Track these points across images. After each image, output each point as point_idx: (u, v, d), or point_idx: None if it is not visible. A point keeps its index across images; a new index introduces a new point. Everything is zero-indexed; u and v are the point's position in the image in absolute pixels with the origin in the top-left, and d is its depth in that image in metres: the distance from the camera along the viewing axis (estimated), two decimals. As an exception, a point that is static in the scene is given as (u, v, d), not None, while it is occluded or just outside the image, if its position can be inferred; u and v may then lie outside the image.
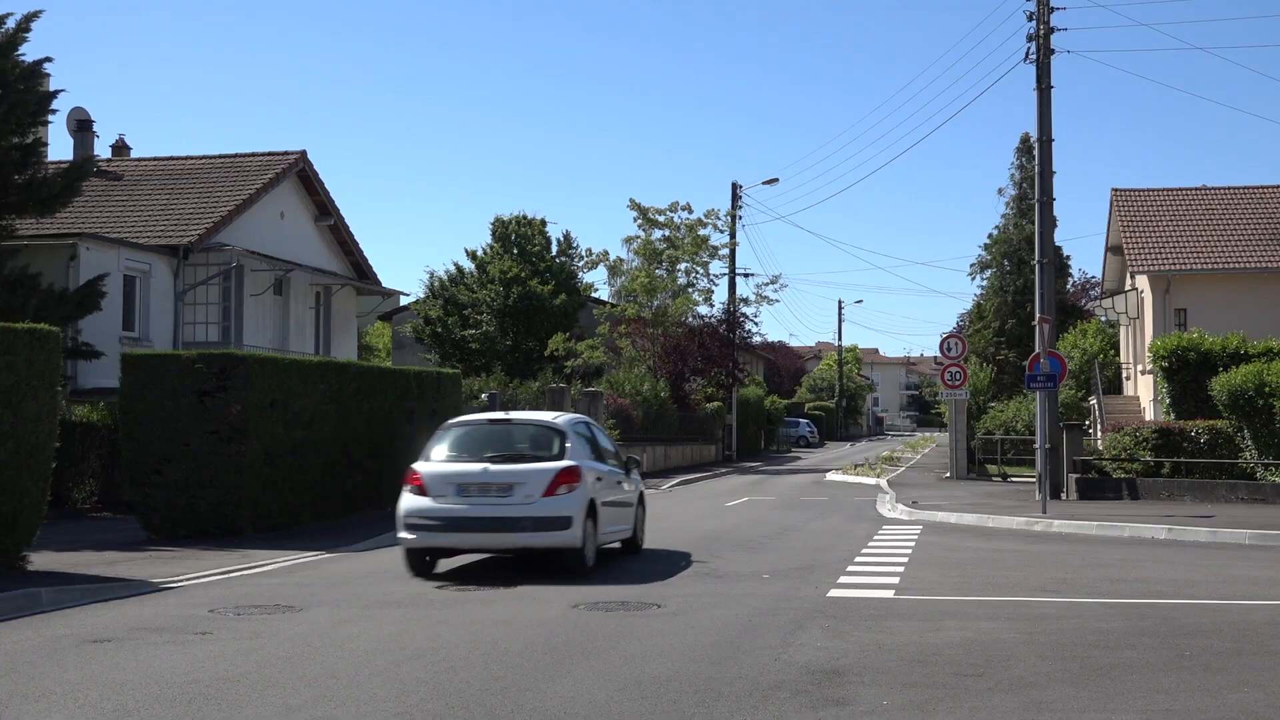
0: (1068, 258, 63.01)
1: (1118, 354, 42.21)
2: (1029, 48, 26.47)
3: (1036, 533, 19.38)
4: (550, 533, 13.07)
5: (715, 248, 47.81)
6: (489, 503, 13.11)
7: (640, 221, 46.62)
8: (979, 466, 35.53)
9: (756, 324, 74.32)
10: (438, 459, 13.73)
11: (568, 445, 13.72)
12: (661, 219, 46.59)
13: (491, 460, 13.43)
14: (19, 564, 13.18)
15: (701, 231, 46.71)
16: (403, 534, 13.34)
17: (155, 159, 33.98)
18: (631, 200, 46.96)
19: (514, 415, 15.09)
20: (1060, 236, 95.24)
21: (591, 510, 13.52)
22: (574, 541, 13.16)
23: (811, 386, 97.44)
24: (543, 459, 13.51)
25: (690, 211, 46.78)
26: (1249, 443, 24.73)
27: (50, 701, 7.55)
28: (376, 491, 21.13)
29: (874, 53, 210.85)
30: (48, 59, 23.75)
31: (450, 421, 14.87)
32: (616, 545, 15.22)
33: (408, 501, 13.32)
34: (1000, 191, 59.50)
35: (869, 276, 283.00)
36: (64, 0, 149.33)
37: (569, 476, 13.25)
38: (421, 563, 13.58)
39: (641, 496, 16.02)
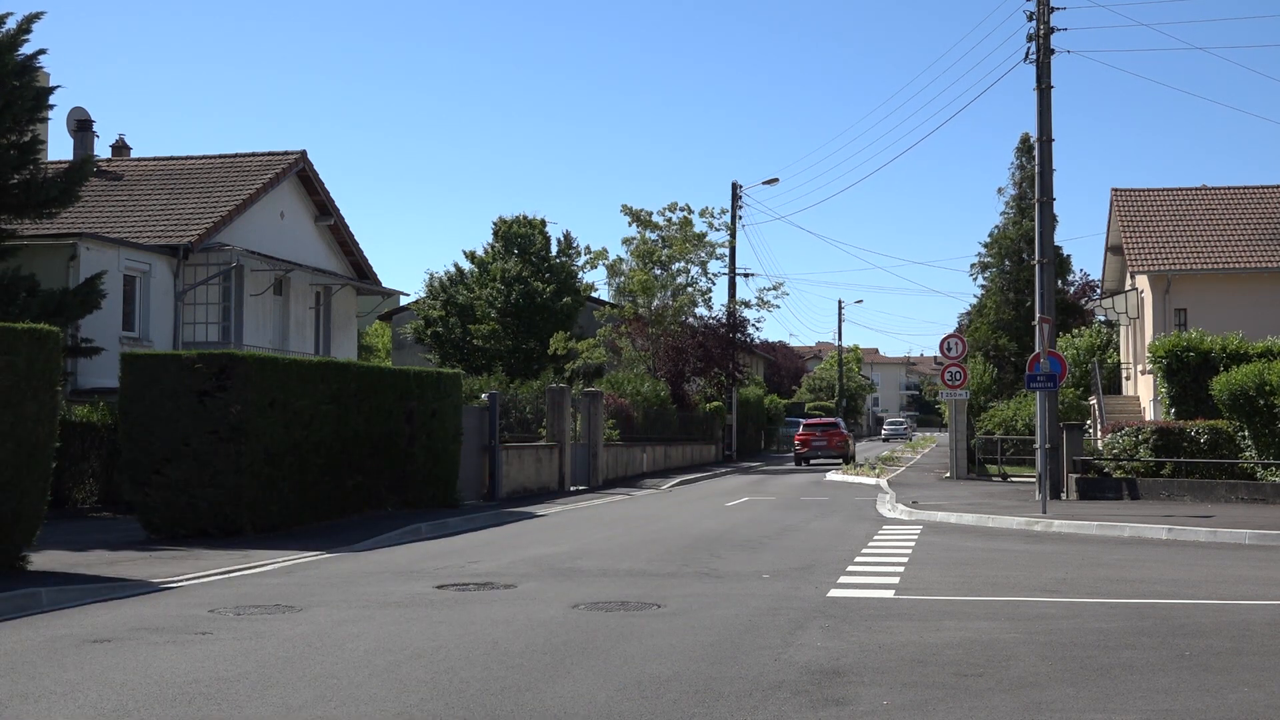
0: (1068, 257, 63.03)
1: (1117, 353, 42.21)
2: (1029, 48, 26.48)
3: (1036, 533, 19.37)
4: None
5: (712, 245, 47.75)
6: None
7: (635, 225, 46.66)
8: (979, 466, 35.50)
9: (757, 327, 74.23)
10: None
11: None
12: (659, 220, 46.58)
13: None
14: (19, 564, 13.16)
15: (695, 229, 46.64)
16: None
17: (155, 159, 33.98)
18: (624, 206, 47.09)
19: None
20: (1060, 236, 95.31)
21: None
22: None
23: (811, 386, 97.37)
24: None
25: (687, 211, 46.75)
26: (1249, 443, 24.72)
27: (50, 701, 7.54)
28: (376, 491, 21.12)
29: (874, 53, 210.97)
30: (41, 51, 23.26)
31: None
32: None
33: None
34: (1000, 191, 59.56)
35: (869, 276, 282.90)
36: (64, 0, 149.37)
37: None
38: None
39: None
